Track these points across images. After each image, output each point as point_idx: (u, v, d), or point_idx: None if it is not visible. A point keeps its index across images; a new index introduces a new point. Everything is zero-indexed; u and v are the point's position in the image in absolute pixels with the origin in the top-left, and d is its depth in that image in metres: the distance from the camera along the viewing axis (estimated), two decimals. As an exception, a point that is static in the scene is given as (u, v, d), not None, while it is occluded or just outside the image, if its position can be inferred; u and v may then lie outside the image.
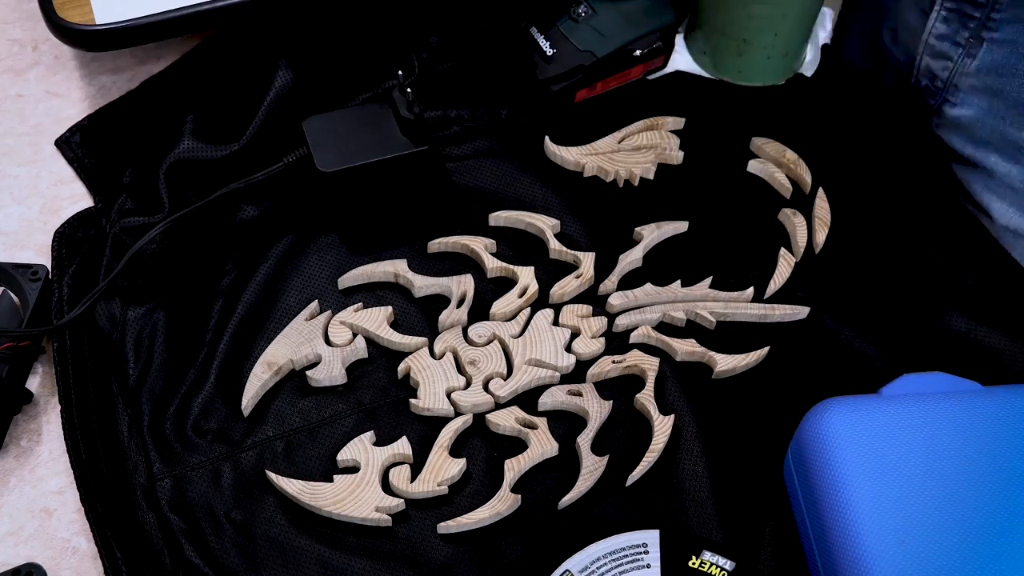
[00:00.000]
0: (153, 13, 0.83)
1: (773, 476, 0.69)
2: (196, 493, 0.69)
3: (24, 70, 0.91)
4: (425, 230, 0.80)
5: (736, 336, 0.75)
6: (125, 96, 0.89)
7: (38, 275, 0.76)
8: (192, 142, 0.82)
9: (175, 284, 0.78)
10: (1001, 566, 0.58)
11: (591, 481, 0.69)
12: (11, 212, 0.83)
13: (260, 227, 0.81)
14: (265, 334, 0.75)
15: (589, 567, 0.64)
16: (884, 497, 0.61)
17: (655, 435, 0.70)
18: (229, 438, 0.71)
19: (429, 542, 0.68)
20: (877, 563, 0.59)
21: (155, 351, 0.75)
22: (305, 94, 0.86)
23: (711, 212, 0.82)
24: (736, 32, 0.85)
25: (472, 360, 0.73)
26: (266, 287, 0.78)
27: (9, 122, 0.88)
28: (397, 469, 0.70)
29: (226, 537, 0.68)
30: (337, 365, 0.73)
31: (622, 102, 0.87)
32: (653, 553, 0.64)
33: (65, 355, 0.74)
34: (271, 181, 0.80)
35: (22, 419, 0.74)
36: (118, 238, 0.79)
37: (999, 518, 0.60)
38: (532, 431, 0.71)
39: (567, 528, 0.68)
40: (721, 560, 0.64)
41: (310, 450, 0.71)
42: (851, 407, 0.64)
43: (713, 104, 0.88)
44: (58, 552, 0.69)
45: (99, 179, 0.84)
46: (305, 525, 0.68)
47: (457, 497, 0.69)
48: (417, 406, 0.72)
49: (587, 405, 0.72)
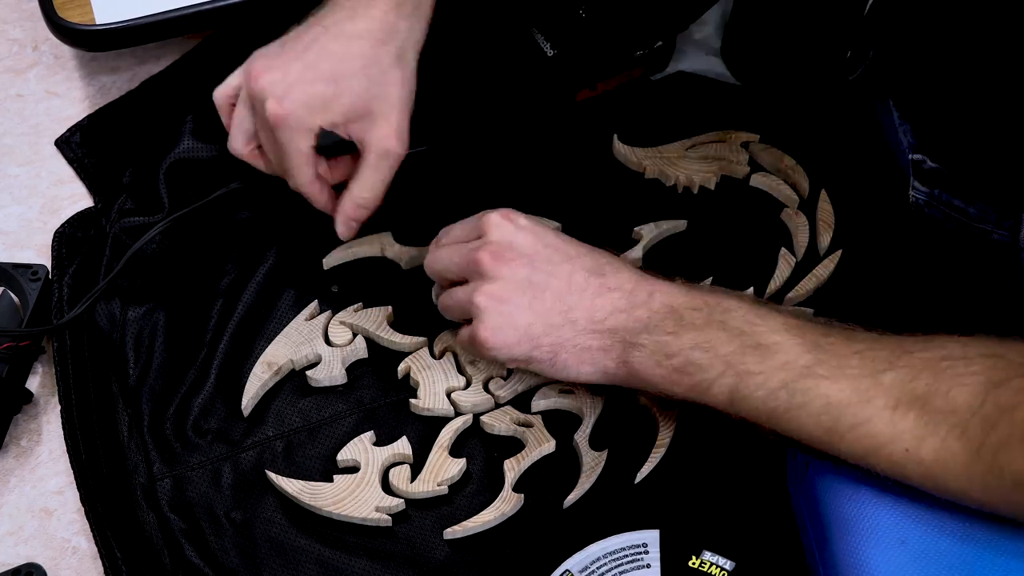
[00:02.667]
0: (153, 13, 0.83)
1: (773, 476, 0.69)
2: (196, 493, 0.69)
3: (24, 70, 0.91)
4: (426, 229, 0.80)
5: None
6: (125, 96, 0.89)
7: (38, 275, 0.76)
8: (192, 142, 0.82)
9: (175, 284, 0.78)
10: (1001, 566, 0.58)
11: (593, 477, 0.69)
12: (11, 212, 0.83)
13: (260, 227, 0.81)
14: (265, 334, 0.75)
15: (589, 567, 0.64)
16: (884, 497, 0.60)
17: (660, 431, 0.70)
18: (229, 438, 0.71)
19: (429, 542, 0.68)
20: (877, 563, 0.59)
21: (155, 351, 0.75)
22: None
23: (711, 212, 0.82)
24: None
25: (472, 360, 0.73)
26: (266, 287, 0.78)
27: (9, 122, 0.88)
28: (397, 469, 0.70)
29: (226, 537, 0.68)
30: (337, 365, 0.73)
31: (622, 102, 0.87)
32: (653, 553, 0.64)
33: (65, 355, 0.74)
34: (271, 181, 0.80)
35: (22, 419, 0.74)
36: (118, 238, 0.79)
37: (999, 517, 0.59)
38: (528, 429, 0.71)
39: (567, 528, 0.68)
40: (721, 560, 0.64)
41: (310, 450, 0.71)
42: (851, 407, 0.64)
43: (716, 105, 0.88)
44: (58, 552, 0.69)
45: (99, 179, 0.84)
46: (305, 525, 0.68)
47: (457, 497, 0.69)
48: (417, 406, 0.72)
49: (580, 402, 0.72)
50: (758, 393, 0.60)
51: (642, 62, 0.87)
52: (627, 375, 0.64)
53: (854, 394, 0.57)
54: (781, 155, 0.83)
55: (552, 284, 0.65)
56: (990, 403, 0.54)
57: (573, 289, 0.64)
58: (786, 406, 0.59)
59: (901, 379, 0.57)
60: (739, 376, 0.60)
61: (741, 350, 0.60)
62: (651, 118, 0.87)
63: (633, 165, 0.84)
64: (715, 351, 0.61)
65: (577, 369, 0.65)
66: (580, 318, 0.64)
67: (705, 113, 0.87)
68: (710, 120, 0.86)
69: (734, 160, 0.84)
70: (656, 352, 0.62)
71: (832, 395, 0.58)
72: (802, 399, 0.58)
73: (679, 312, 0.63)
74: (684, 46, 0.92)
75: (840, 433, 0.58)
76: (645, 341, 0.63)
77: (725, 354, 0.61)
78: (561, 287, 0.65)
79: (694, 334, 0.62)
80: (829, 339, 0.60)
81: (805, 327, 0.61)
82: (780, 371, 0.59)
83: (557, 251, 0.66)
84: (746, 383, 0.60)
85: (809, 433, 0.59)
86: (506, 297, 0.65)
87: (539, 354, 0.65)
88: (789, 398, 0.59)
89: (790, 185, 0.82)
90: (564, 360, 0.65)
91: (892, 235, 0.79)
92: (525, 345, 0.65)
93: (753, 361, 0.60)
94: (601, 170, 0.84)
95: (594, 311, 0.64)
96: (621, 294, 0.64)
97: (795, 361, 0.59)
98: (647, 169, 0.83)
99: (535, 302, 0.64)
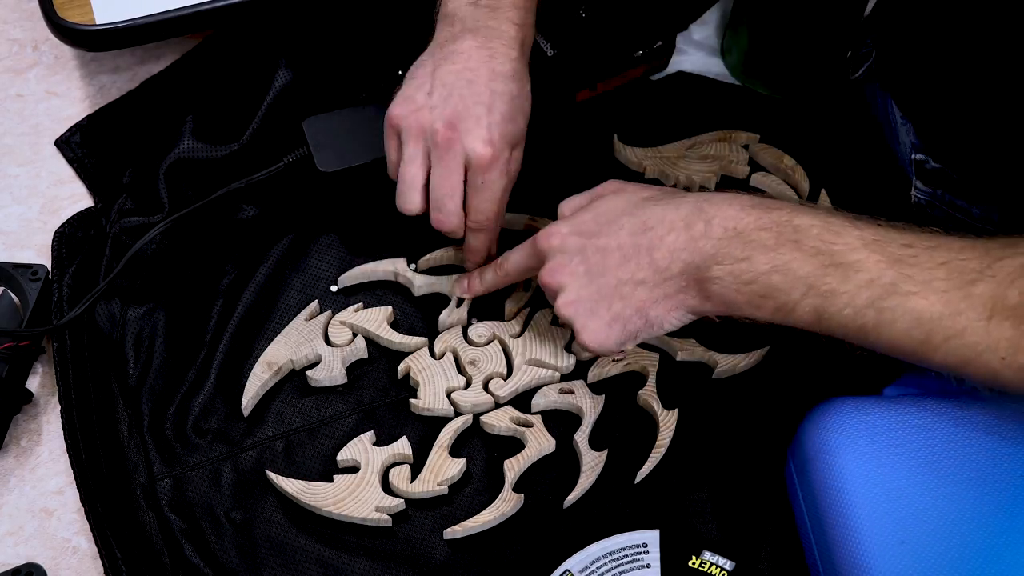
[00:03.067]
0: (153, 13, 0.83)
1: (773, 476, 0.69)
2: (196, 493, 0.69)
3: (24, 70, 0.91)
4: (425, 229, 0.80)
5: (736, 336, 0.75)
6: (125, 96, 0.89)
7: (38, 275, 0.76)
8: (192, 142, 0.82)
9: (175, 284, 0.78)
10: (1001, 566, 0.58)
11: (593, 477, 0.69)
12: (11, 212, 0.83)
13: (260, 227, 0.81)
14: (265, 334, 0.75)
15: (589, 567, 0.64)
16: (884, 497, 0.61)
17: (660, 430, 0.70)
18: (229, 438, 0.71)
19: (429, 542, 0.68)
20: (877, 563, 0.59)
21: (155, 351, 0.75)
22: (305, 94, 0.86)
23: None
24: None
25: (472, 360, 0.73)
26: (266, 287, 0.78)
27: (9, 122, 0.88)
28: (397, 469, 0.70)
29: (226, 537, 0.68)
30: (337, 365, 0.73)
31: (622, 102, 0.87)
32: (653, 553, 0.64)
33: (65, 355, 0.74)
34: (271, 181, 0.80)
35: (22, 419, 0.74)
36: (118, 238, 0.79)
37: (999, 518, 0.60)
38: (528, 429, 0.71)
39: (567, 528, 0.68)
40: (721, 560, 0.64)
41: (310, 450, 0.71)
42: (852, 407, 0.64)
43: (716, 105, 0.88)
44: (58, 552, 0.69)
45: (99, 179, 0.84)
46: (305, 525, 0.68)
47: (457, 497, 0.69)
48: (417, 406, 0.72)
49: (580, 402, 0.72)
50: (845, 311, 0.59)
51: (642, 62, 0.87)
52: (714, 307, 0.64)
53: (945, 307, 0.57)
54: (781, 155, 0.83)
55: (609, 263, 0.65)
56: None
57: (628, 257, 0.65)
58: (875, 323, 0.59)
59: (992, 289, 0.56)
60: (823, 296, 0.60)
61: (821, 270, 0.60)
62: (651, 118, 0.87)
63: (633, 165, 0.84)
64: (793, 273, 0.60)
65: (671, 319, 0.65)
66: (647, 277, 0.64)
67: (705, 113, 0.87)
68: (710, 120, 0.86)
69: (734, 160, 0.84)
70: (733, 280, 0.62)
71: (922, 310, 0.57)
72: (891, 316, 0.58)
73: (745, 234, 0.62)
74: (684, 46, 0.92)
75: (934, 346, 0.58)
76: (717, 272, 0.62)
77: (804, 275, 0.60)
78: (617, 261, 0.65)
79: (767, 256, 0.61)
80: (912, 251, 0.59)
81: (885, 240, 0.60)
82: (865, 289, 0.59)
83: (599, 234, 0.66)
84: (831, 303, 0.59)
85: (901, 347, 0.59)
86: (578, 298, 0.66)
87: (633, 326, 0.65)
88: (877, 315, 0.58)
89: (790, 185, 0.83)
90: (656, 317, 0.65)
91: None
92: (617, 327, 0.65)
93: (835, 280, 0.59)
94: (601, 170, 0.84)
95: (656, 264, 0.64)
96: (676, 234, 0.64)
97: (879, 278, 0.58)
98: (647, 169, 0.83)
99: (603, 287, 0.65)
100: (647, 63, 0.88)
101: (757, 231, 0.61)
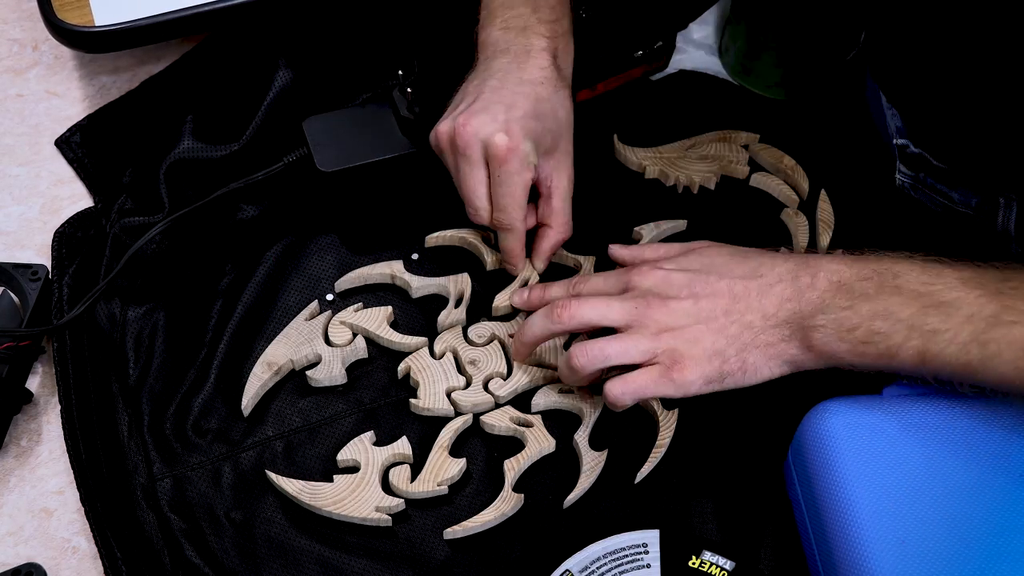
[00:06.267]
0: (152, 15, 0.83)
1: (773, 476, 0.69)
2: (196, 493, 0.69)
3: (24, 70, 0.91)
4: (425, 229, 0.80)
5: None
6: (125, 96, 0.89)
7: (38, 275, 0.76)
8: (192, 142, 0.82)
9: (175, 284, 0.78)
10: (1001, 566, 0.58)
11: (593, 477, 0.69)
12: (11, 212, 0.83)
13: (260, 227, 0.81)
14: (265, 334, 0.75)
15: (589, 567, 0.64)
16: (884, 497, 0.61)
17: (660, 430, 0.70)
18: (229, 438, 0.71)
19: (429, 542, 0.68)
20: (877, 563, 0.59)
21: (155, 351, 0.75)
22: (305, 94, 0.86)
23: (712, 212, 0.82)
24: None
25: (472, 360, 0.73)
26: (266, 287, 0.78)
27: (9, 122, 0.88)
28: (397, 469, 0.70)
29: (226, 537, 0.68)
30: (337, 365, 0.73)
31: (622, 102, 0.87)
32: (653, 553, 0.64)
33: (65, 355, 0.74)
34: (271, 181, 0.80)
35: (22, 419, 0.74)
36: (118, 238, 0.79)
37: (999, 518, 0.60)
38: (528, 429, 0.71)
39: (567, 528, 0.68)
40: (721, 560, 0.64)
41: (310, 450, 0.71)
42: (851, 407, 0.64)
43: (716, 105, 0.88)
44: (58, 552, 0.69)
45: (99, 179, 0.84)
46: (305, 525, 0.68)
47: (457, 497, 0.69)
48: (417, 406, 0.72)
49: (580, 402, 0.72)
50: (949, 350, 0.60)
51: (642, 62, 0.87)
52: (815, 358, 0.65)
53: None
54: (781, 155, 0.83)
55: (718, 304, 0.66)
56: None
57: (738, 298, 0.66)
58: (980, 357, 0.59)
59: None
60: (925, 337, 0.60)
61: (922, 311, 0.61)
62: (651, 118, 0.87)
63: (633, 165, 0.84)
64: (895, 317, 0.61)
65: (768, 367, 0.66)
66: (754, 320, 0.65)
67: (705, 113, 0.87)
68: (710, 120, 0.86)
69: (734, 160, 0.84)
70: (836, 329, 0.63)
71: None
72: (996, 348, 0.58)
73: (848, 285, 0.63)
74: (684, 45, 0.92)
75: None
76: (822, 321, 0.63)
77: (906, 317, 0.61)
78: (726, 303, 0.66)
79: (870, 304, 0.62)
80: (1010, 284, 0.60)
81: (982, 276, 0.61)
82: (967, 324, 0.59)
83: (709, 273, 0.68)
84: (934, 342, 0.60)
85: (1010, 380, 0.59)
86: (685, 335, 0.66)
87: (728, 367, 0.66)
88: (982, 350, 0.59)
89: (790, 185, 0.83)
90: (753, 364, 0.66)
91: (890, 233, 0.79)
92: (716, 363, 0.65)
93: (937, 320, 0.60)
94: (601, 170, 0.84)
95: (765, 309, 0.65)
96: (784, 285, 0.65)
97: (980, 312, 0.59)
98: (647, 169, 0.83)
99: (710, 325, 0.66)
100: (647, 63, 0.88)
101: (859, 281, 0.63)
